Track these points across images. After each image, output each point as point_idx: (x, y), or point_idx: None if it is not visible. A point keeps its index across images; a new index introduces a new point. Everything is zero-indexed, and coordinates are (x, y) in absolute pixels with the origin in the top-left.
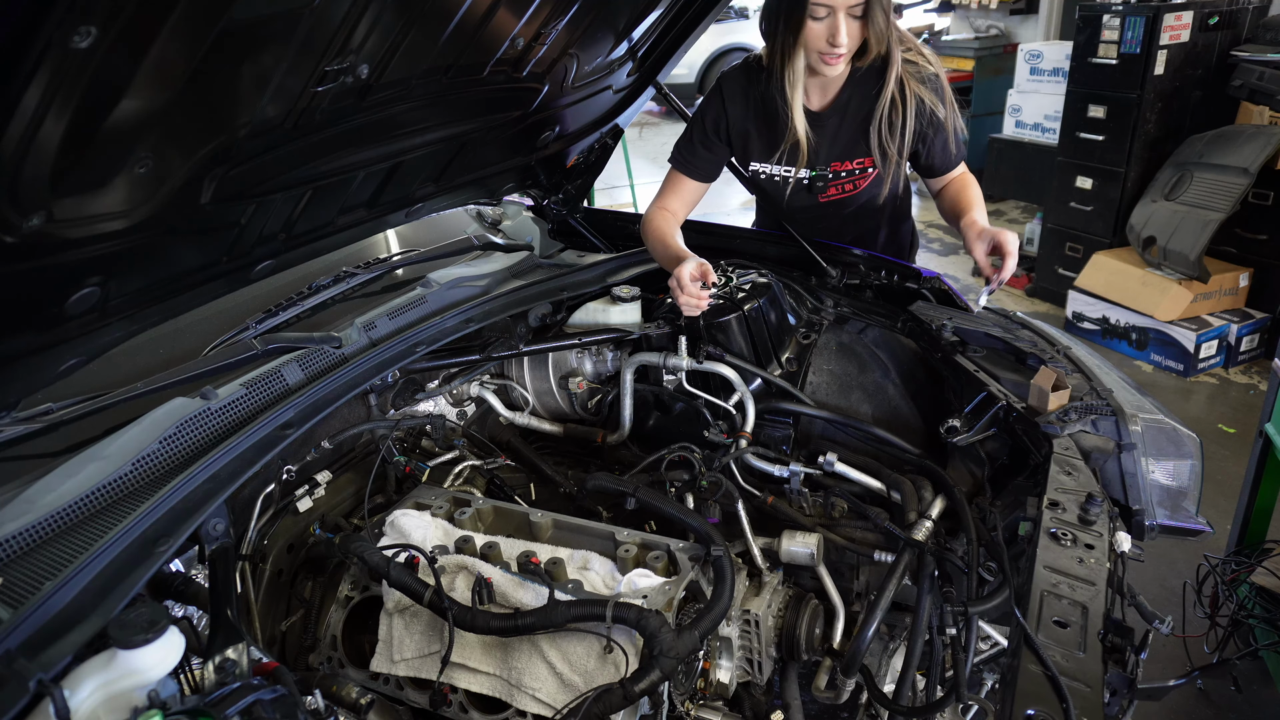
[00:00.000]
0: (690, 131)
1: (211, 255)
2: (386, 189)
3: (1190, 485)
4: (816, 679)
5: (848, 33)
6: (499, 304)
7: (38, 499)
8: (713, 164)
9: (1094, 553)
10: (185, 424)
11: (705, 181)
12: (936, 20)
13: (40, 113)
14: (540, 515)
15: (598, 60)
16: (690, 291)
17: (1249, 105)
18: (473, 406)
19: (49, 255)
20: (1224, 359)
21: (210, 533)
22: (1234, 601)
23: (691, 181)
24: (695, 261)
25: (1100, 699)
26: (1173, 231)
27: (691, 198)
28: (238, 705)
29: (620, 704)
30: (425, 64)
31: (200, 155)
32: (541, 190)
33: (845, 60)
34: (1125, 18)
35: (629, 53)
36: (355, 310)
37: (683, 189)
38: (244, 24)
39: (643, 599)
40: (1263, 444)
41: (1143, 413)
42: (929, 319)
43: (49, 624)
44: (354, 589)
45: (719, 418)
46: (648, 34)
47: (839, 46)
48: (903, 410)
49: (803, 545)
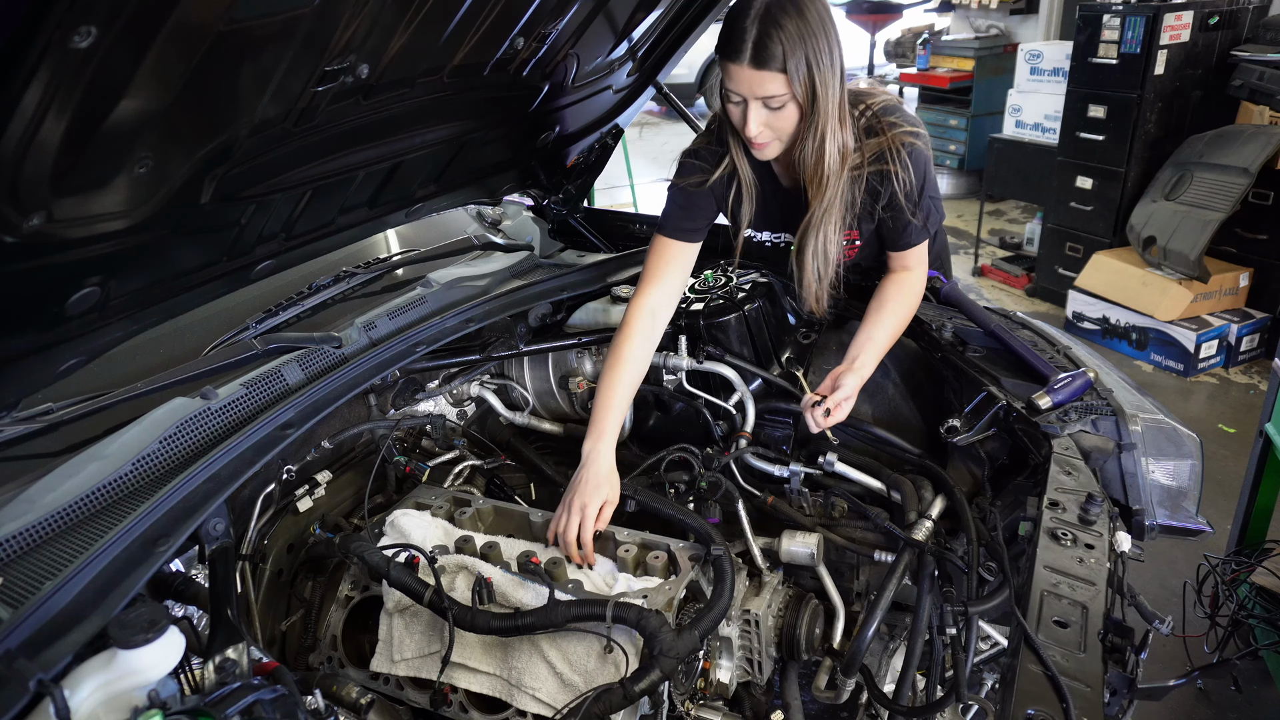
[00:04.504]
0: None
1: (211, 255)
2: (386, 189)
3: (1190, 485)
4: (816, 679)
5: (760, 122)
6: (499, 304)
7: (38, 499)
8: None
9: (1094, 553)
10: (185, 424)
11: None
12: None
13: (40, 113)
14: (540, 515)
15: (598, 60)
16: (565, 548)
17: (1249, 105)
18: (473, 406)
19: (49, 255)
20: (1224, 359)
21: (210, 533)
22: (1234, 601)
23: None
24: (593, 499)
25: (1100, 699)
26: (1173, 231)
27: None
28: (238, 705)
29: (620, 704)
30: (425, 64)
31: (200, 155)
32: (541, 190)
33: (776, 147)
34: (1125, 18)
35: (629, 53)
36: (355, 310)
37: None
38: (244, 24)
39: (643, 599)
40: (1263, 444)
41: (1143, 413)
42: (929, 319)
43: (49, 624)
44: (354, 589)
45: (719, 418)
46: (648, 34)
47: (751, 136)
48: (903, 410)
49: (803, 545)
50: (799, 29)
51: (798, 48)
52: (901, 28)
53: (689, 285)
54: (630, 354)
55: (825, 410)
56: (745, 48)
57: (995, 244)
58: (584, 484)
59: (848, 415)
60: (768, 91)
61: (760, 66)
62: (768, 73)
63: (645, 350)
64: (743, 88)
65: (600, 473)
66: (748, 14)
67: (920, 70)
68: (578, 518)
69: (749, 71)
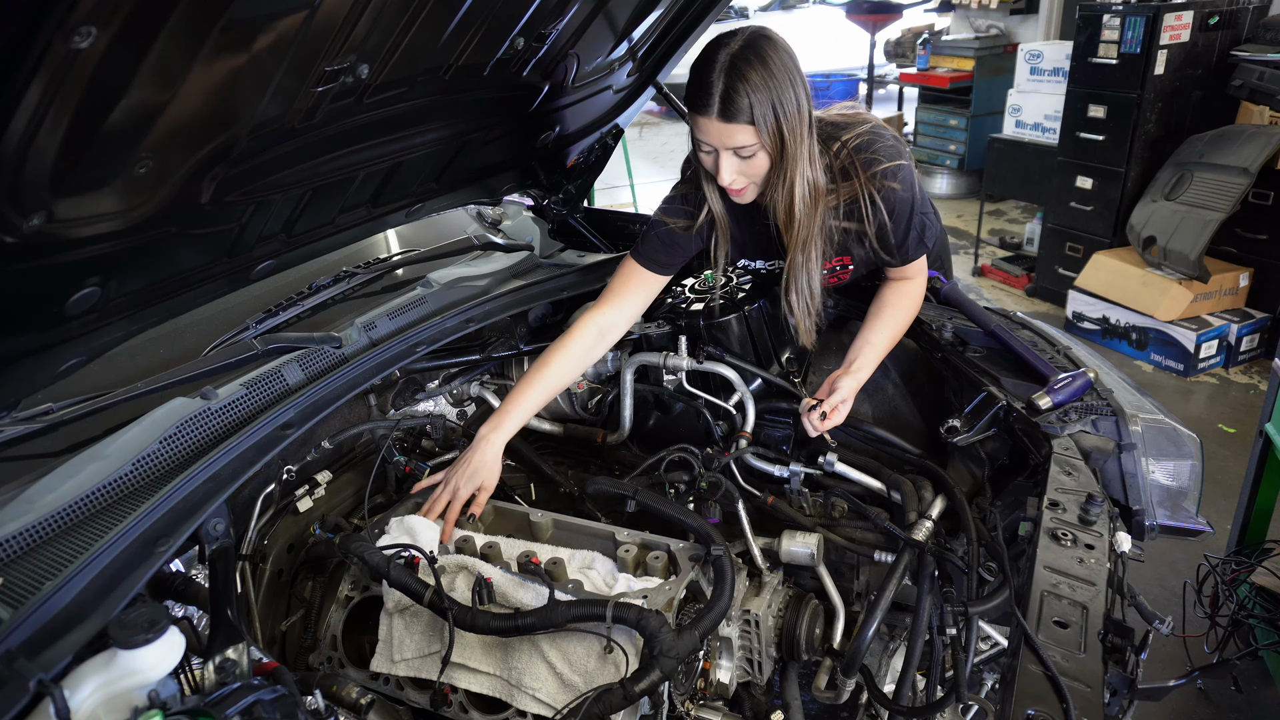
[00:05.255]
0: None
1: (211, 255)
2: (386, 189)
3: (1190, 485)
4: (816, 679)
5: (734, 170)
6: (499, 304)
7: (38, 499)
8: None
9: (1094, 553)
10: (185, 424)
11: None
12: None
13: (40, 113)
14: (540, 515)
15: (598, 60)
16: (432, 512)
17: (1249, 105)
18: (473, 406)
19: (49, 255)
20: (1224, 359)
21: (210, 533)
22: (1234, 601)
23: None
24: (468, 484)
25: (1100, 699)
26: (1173, 231)
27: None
28: (238, 705)
29: (620, 704)
30: (425, 64)
31: (200, 155)
32: (541, 190)
33: (753, 190)
34: (1125, 18)
35: (629, 53)
36: (355, 310)
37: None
38: (244, 24)
39: (643, 599)
40: (1263, 444)
41: (1143, 413)
42: (929, 319)
43: (49, 624)
44: (354, 589)
45: (719, 418)
46: (648, 34)
47: (727, 184)
48: (903, 410)
49: (803, 545)
50: (763, 79)
51: (764, 98)
52: (901, 28)
53: (689, 285)
54: (559, 365)
55: (822, 414)
56: (713, 101)
57: (995, 244)
58: (464, 466)
59: (846, 416)
60: (737, 142)
61: (728, 120)
62: (736, 125)
63: (577, 366)
64: (713, 139)
65: (485, 459)
66: (713, 68)
67: (920, 70)
68: (448, 496)
69: (718, 125)
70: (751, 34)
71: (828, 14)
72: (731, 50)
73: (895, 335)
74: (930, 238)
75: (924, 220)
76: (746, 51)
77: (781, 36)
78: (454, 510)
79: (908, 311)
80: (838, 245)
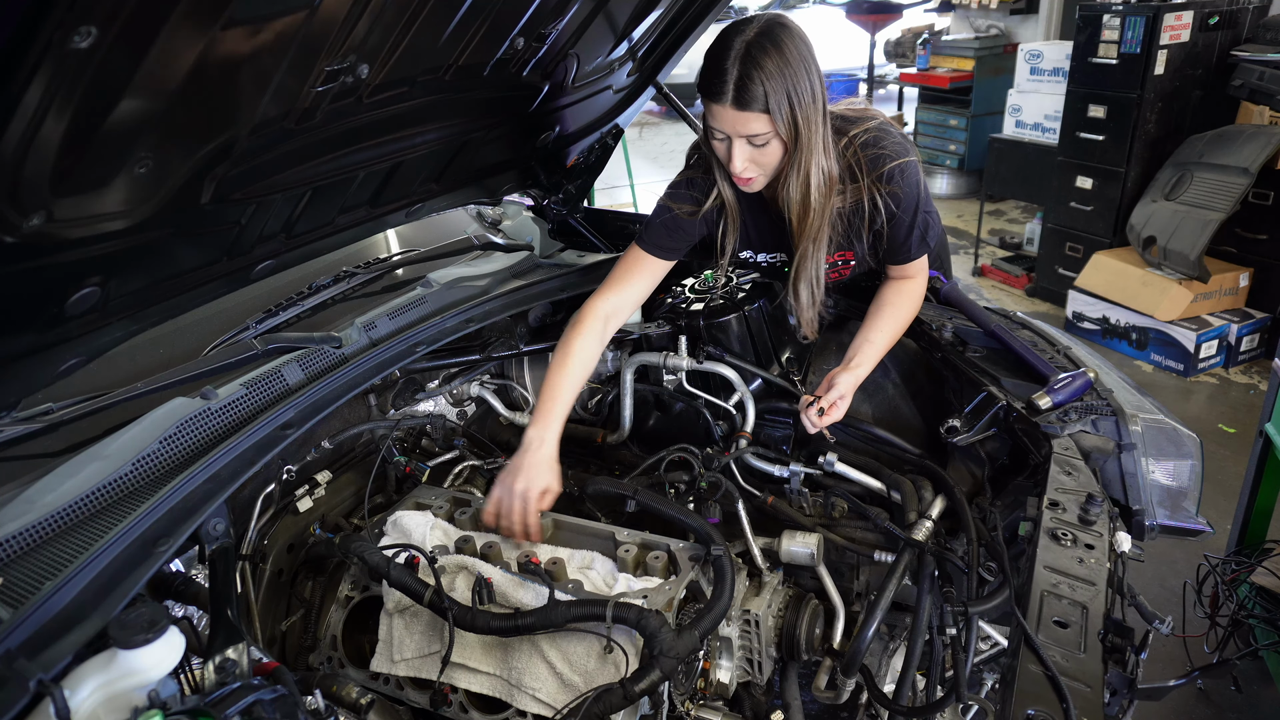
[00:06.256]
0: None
1: (211, 255)
2: (386, 189)
3: (1190, 485)
4: (816, 679)
5: (745, 158)
6: (499, 304)
7: (38, 499)
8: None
9: (1094, 553)
10: (185, 424)
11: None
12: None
13: (40, 113)
14: (540, 515)
15: (598, 60)
16: (506, 531)
17: (1249, 105)
18: (473, 406)
19: (49, 255)
20: (1224, 359)
21: (210, 533)
22: (1234, 601)
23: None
24: (535, 484)
25: (1100, 699)
26: (1173, 231)
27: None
28: (238, 705)
29: (620, 704)
30: (425, 64)
31: (200, 155)
32: (541, 190)
33: (762, 180)
34: (1125, 18)
35: (629, 53)
36: (355, 310)
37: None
38: (244, 23)
39: (643, 599)
40: (1263, 444)
41: (1143, 413)
42: (929, 319)
43: (49, 624)
44: (354, 589)
45: (719, 418)
46: (648, 34)
47: (738, 172)
48: (903, 410)
49: (803, 545)
50: (779, 67)
51: (779, 86)
52: (901, 28)
53: (689, 285)
54: (580, 350)
55: (820, 410)
56: (727, 89)
57: (995, 244)
58: (526, 469)
59: (845, 415)
60: (751, 130)
61: (743, 107)
62: (751, 113)
63: (594, 350)
64: (726, 126)
65: (544, 459)
66: (728, 54)
67: (920, 70)
68: (520, 502)
69: (732, 112)
70: (768, 21)
71: (828, 14)
72: (747, 37)
73: (895, 334)
74: (933, 237)
75: (927, 219)
76: (762, 39)
77: (798, 25)
78: (532, 513)
79: (908, 311)
80: (841, 240)
